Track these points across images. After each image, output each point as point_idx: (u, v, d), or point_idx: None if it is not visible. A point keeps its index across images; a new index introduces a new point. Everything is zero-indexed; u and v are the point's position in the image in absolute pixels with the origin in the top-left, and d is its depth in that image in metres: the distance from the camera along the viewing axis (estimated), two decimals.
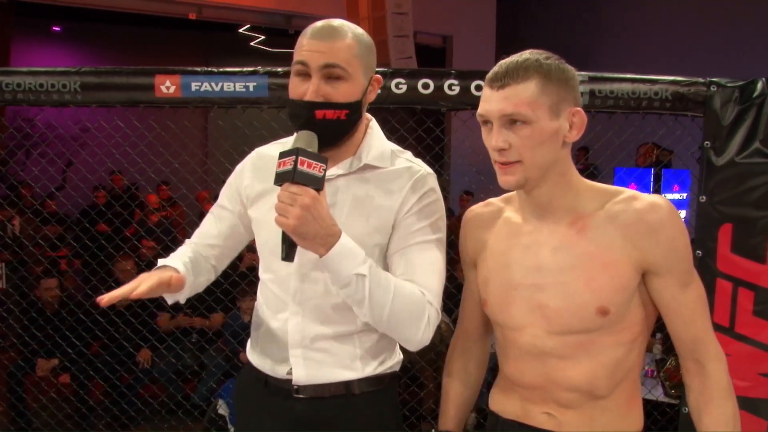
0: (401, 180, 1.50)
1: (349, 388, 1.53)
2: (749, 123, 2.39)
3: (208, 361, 4.56)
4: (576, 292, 1.34)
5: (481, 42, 10.25)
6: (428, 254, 1.49)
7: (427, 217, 1.49)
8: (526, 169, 1.31)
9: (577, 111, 1.32)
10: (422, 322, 1.43)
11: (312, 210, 1.30)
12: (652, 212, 1.31)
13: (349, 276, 1.36)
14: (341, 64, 1.40)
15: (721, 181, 2.42)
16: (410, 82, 2.65)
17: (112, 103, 2.73)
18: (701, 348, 1.37)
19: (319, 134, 1.41)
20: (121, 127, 3.08)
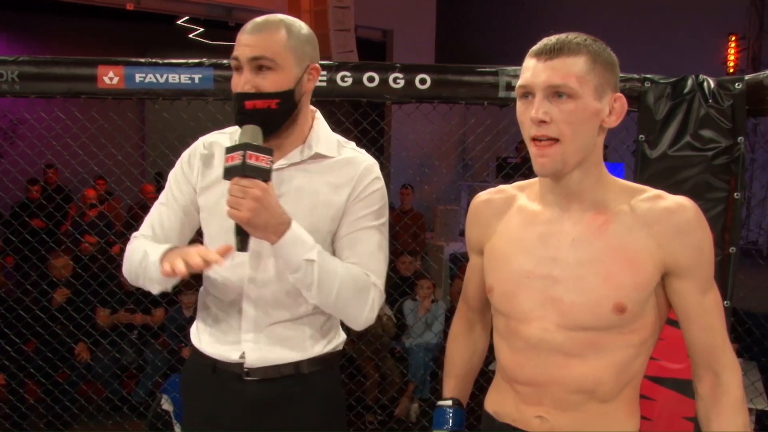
0: (350, 169, 1.58)
1: (298, 369, 1.59)
2: (681, 118, 2.49)
3: (151, 357, 4.50)
4: (593, 287, 1.29)
5: (421, 37, 10.33)
6: (373, 239, 1.58)
7: (373, 204, 1.58)
8: (565, 151, 1.25)
9: (619, 96, 1.28)
10: (367, 302, 1.54)
11: (263, 201, 1.38)
12: (680, 212, 1.28)
13: (300, 262, 1.45)
14: (268, 55, 1.47)
15: (655, 173, 2.51)
16: (356, 75, 2.67)
17: (52, 94, 2.67)
18: (718, 357, 1.32)
19: (253, 124, 1.47)
20: (62, 118, 3.01)
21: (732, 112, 2.44)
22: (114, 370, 4.41)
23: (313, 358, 1.61)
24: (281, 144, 1.55)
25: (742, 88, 2.44)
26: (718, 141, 2.45)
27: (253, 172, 1.38)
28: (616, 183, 1.36)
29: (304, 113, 1.58)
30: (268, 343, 1.58)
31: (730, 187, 2.45)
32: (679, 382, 2.50)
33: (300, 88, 1.52)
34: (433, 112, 2.96)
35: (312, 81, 1.56)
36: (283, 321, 1.58)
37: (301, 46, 1.52)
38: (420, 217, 7.02)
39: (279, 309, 1.57)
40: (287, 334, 1.59)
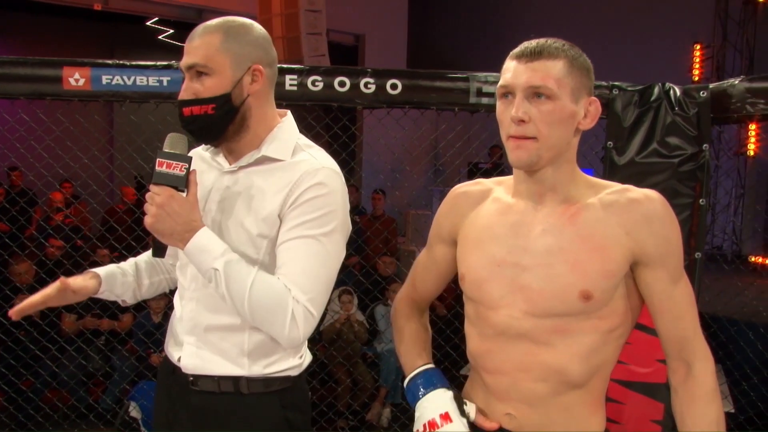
0: (291, 172, 1.50)
1: (237, 386, 1.54)
2: (648, 125, 2.53)
3: (119, 363, 4.43)
4: (560, 275, 1.32)
5: (393, 41, 10.37)
6: (306, 249, 1.47)
7: (311, 211, 1.47)
8: (540, 148, 1.29)
9: (594, 100, 1.34)
10: (286, 318, 1.43)
11: (166, 207, 1.40)
12: (647, 203, 1.32)
13: (208, 270, 1.44)
14: (200, 61, 1.46)
15: (623, 180, 2.49)
16: (326, 80, 2.67)
17: (16, 95, 2.62)
18: (689, 347, 1.35)
19: (193, 130, 1.49)
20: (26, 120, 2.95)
21: (697, 120, 2.49)
22: (80, 377, 4.33)
23: (253, 378, 1.54)
24: (235, 148, 1.54)
25: (707, 97, 2.48)
26: (684, 148, 2.49)
27: (163, 179, 1.41)
28: (587, 180, 1.40)
29: (257, 117, 1.54)
30: (205, 350, 1.55)
31: (695, 193, 2.50)
32: (648, 386, 2.54)
33: (240, 90, 1.49)
34: (404, 117, 2.97)
35: (258, 82, 1.51)
36: (221, 328, 1.54)
37: (241, 47, 1.48)
38: (392, 222, 7.02)
39: (216, 313, 1.53)
40: (223, 345, 1.54)
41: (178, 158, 1.42)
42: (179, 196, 1.42)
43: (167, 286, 1.77)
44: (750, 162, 8.72)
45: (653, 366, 2.53)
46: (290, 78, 2.65)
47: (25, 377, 4.01)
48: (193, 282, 1.57)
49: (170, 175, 1.42)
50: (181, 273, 1.62)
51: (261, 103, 1.54)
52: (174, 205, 1.40)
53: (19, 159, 3.39)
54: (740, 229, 8.70)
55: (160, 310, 4.43)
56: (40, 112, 2.91)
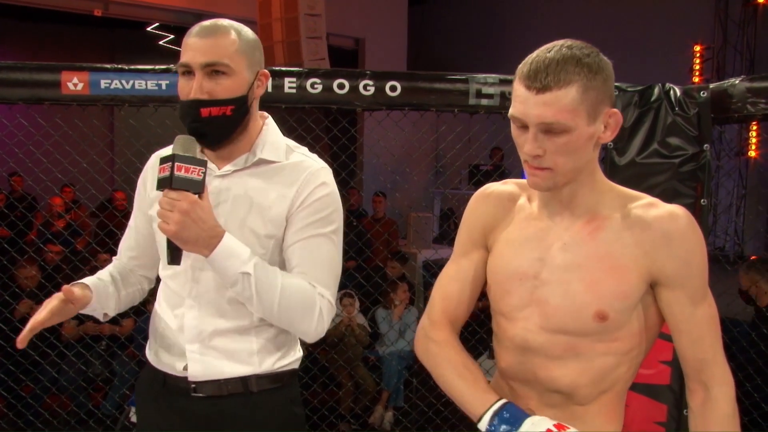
0: (295, 174, 1.53)
1: (246, 386, 1.54)
2: (648, 126, 2.53)
3: (119, 368, 4.42)
4: (577, 292, 1.29)
5: (392, 45, 10.38)
6: (321, 248, 1.52)
7: (320, 211, 1.52)
8: (556, 176, 1.25)
9: (614, 113, 1.26)
10: (314, 314, 1.47)
11: (191, 214, 1.35)
12: (670, 221, 1.26)
13: (236, 275, 1.42)
14: (222, 60, 1.44)
15: (623, 180, 2.50)
16: (326, 82, 2.66)
17: (14, 100, 2.61)
18: (708, 370, 1.30)
19: (207, 132, 1.46)
20: (25, 125, 2.94)
21: (698, 120, 2.48)
22: (80, 383, 4.32)
23: (262, 374, 1.55)
24: (231, 151, 1.54)
25: (707, 97, 2.48)
26: (684, 148, 2.48)
27: (182, 184, 1.35)
28: (612, 189, 1.35)
29: (254, 119, 1.56)
30: (212, 355, 1.53)
31: (696, 193, 2.49)
32: (651, 387, 2.53)
33: (252, 93, 1.50)
34: (403, 119, 2.96)
35: (261, 87, 1.53)
36: (227, 332, 1.53)
37: (252, 51, 1.49)
38: (392, 224, 7.02)
39: (221, 318, 1.53)
40: (232, 346, 1.53)
41: (196, 162, 1.37)
42: (202, 202, 1.38)
43: (139, 297, 1.73)
44: (752, 163, 8.71)
45: (656, 368, 2.52)
46: (289, 81, 2.65)
47: (24, 382, 3.98)
48: (194, 288, 1.54)
49: (190, 180, 1.36)
50: (174, 281, 1.58)
51: (255, 106, 1.56)
52: (198, 211, 1.36)
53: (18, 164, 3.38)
54: (742, 230, 8.69)
55: None
56: (38, 117, 2.91)
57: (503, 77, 2.64)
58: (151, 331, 1.66)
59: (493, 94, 2.66)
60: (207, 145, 1.51)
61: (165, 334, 1.59)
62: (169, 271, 1.58)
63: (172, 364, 1.57)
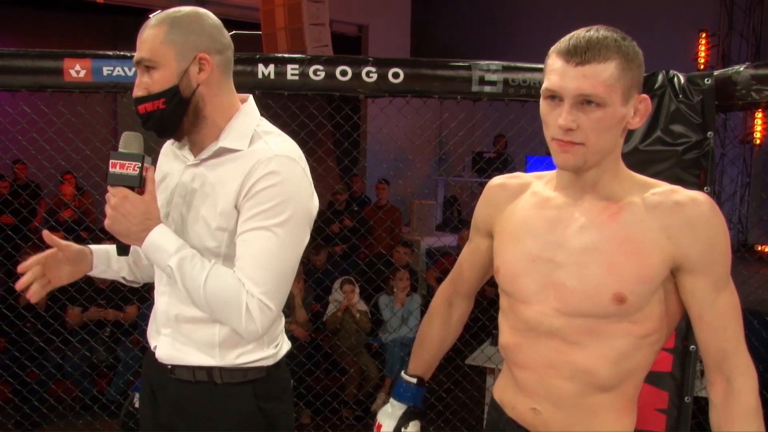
0: (246, 162, 1.47)
1: (210, 376, 1.55)
2: (651, 113, 2.51)
3: (123, 354, 4.44)
4: (595, 275, 1.28)
5: (396, 31, 10.33)
6: (259, 242, 1.45)
7: (264, 202, 1.44)
8: (587, 153, 1.24)
9: (644, 98, 1.28)
10: (241, 312, 1.42)
11: (120, 209, 1.42)
12: (693, 206, 1.25)
13: (165, 267, 1.46)
14: (146, 55, 1.46)
15: (626, 167, 2.54)
16: (328, 69, 2.65)
17: (17, 87, 2.61)
18: (730, 361, 1.28)
19: (151, 127, 1.50)
20: (27, 112, 2.95)
21: (701, 107, 2.47)
22: (85, 369, 4.35)
23: (226, 367, 1.54)
24: (196, 140, 1.54)
25: (711, 84, 2.46)
26: (688, 136, 2.47)
27: (116, 180, 1.43)
28: (632, 177, 1.35)
29: (214, 106, 1.51)
30: (179, 341, 1.57)
31: (700, 181, 2.47)
32: (652, 374, 2.52)
33: (188, 81, 1.47)
34: (406, 106, 2.95)
35: (205, 71, 1.48)
36: (192, 320, 1.54)
37: (185, 37, 1.46)
38: (395, 211, 7.02)
39: (185, 305, 1.54)
40: (195, 335, 1.55)
41: (130, 158, 1.44)
42: (133, 196, 1.43)
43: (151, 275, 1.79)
44: (756, 150, 8.68)
45: (659, 354, 2.52)
46: (291, 68, 2.64)
47: (29, 369, 4.02)
48: (164, 275, 1.58)
49: (124, 176, 1.43)
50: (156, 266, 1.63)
51: (215, 91, 1.51)
52: (128, 206, 1.42)
53: (22, 151, 3.38)
54: (746, 218, 8.67)
55: None
56: (41, 104, 2.91)
57: (507, 64, 2.63)
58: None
59: (496, 81, 2.65)
60: (160, 137, 1.56)
61: (152, 314, 1.68)
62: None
63: (151, 343, 1.65)
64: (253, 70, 2.62)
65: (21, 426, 3.92)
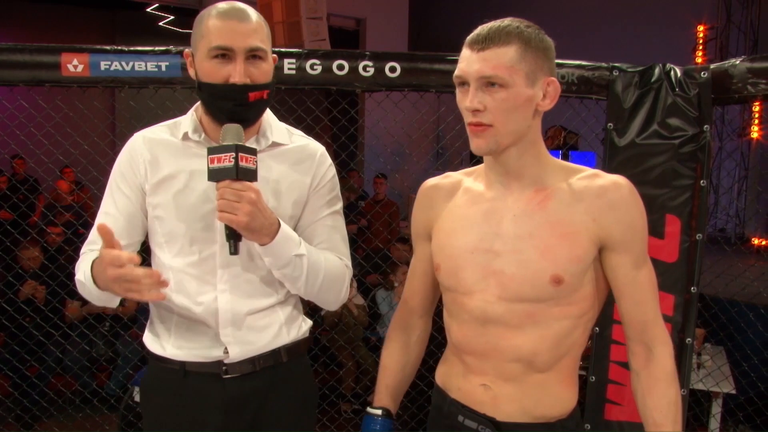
0: (306, 156, 1.61)
1: (277, 358, 1.61)
2: (648, 106, 2.52)
3: (123, 348, 4.46)
4: (531, 260, 1.35)
5: (394, 25, 10.31)
6: (338, 223, 1.65)
7: (332, 190, 1.64)
8: (497, 134, 1.31)
9: (552, 81, 1.33)
10: (345, 285, 1.62)
11: (258, 204, 1.38)
12: (615, 190, 1.34)
13: (290, 258, 1.47)
14: (261, 45, 1.45)
15: (623, 161, 2.54)
16: (325, 63, 2.66)
17: (15, 82, 2.61)
18: (650, 331, 1.38)
19: (250, 116, 1.48)
20: (25, 107, 2.94)
21: (698, 101, 2.47)
22: (84, 363, 4.36)
23: (288, 345, 1.63)
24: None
25: (708, 77, 2.47)
26: (684, 129, 2.48)
27: (245, 174, 1.36)
28: (555, 163, 1.42)
29: None
30: (248, 335, 1.56)
31: (696, 174, 2.49)
32: None
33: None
34: (403, 100, 2.96)
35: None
36: (260, 310, 1.58)
37: (269, 36, 1.52)
38: (393, 205, 7.02)
39: (254, 298, 1.56)
40: (263, 322, 1.59)
41: (251, 151, 1.39)
42: (260, 191, 1.40)
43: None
44: (753, 144, 8.68)
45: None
46: (288, 62, 2.64)
47: (29, 363, 4.03)
48: (224, 274, 1.54)
49: (250, 170, 1.37)
50: (196, 268, 1.54)
51: None
52: (262, 201, 1.39)
53: (20, 146, 3.38)
54: (743, 211, 8.68)
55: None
56: (39, 99, 2.91)
57: None
58: (159, 322, 1.61)
59: None
60: (245, 126, 1.47)
61: (187, 323, 1.56)
62: (189, 258, 1.54)
63: (201, 352, 1.56)
64: None
65: (21, 419, 3.93)
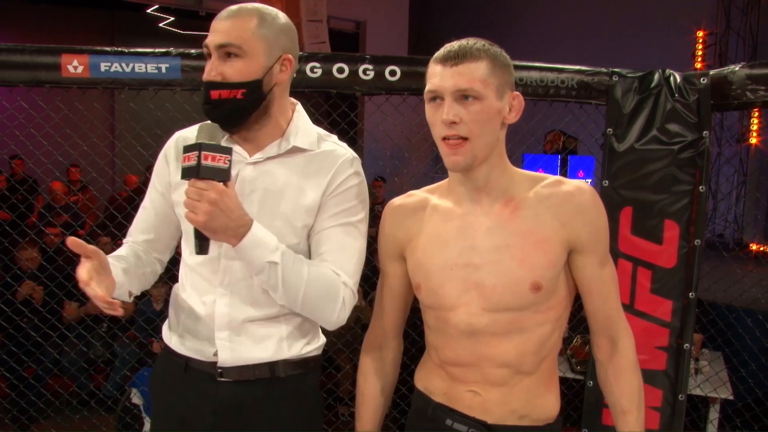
0: (327, 162, 1.53)
1: (273, 371, 1.54)
2: (647, 111, 2.52)
3: (120, 350, 4.45)
4: (510, 269, 1.40)
5: (394, 28, 10.33)
6: (347, 236, 1.52)
7: (349, 200, 1.53)
8: (474, 148, 1.35)
9: (517, 95, 1.41)
10: (338, 303, 1.49)
11: (219, 204, 1.33)
12: (579, 195, 1.41)
13: (262, 264, 1.41)
14: (235, 42, 1.43)
15: (622, 167, 2.54)
16: (325, 66, 2.65)
17: (14, 82, 2.60)
18: (614, 325, 1.49)
19: (218, 116, 1.45)
20: (25, 107, 2.94)
21: (697, 107, 2.48)
22: (82, 364, 4.35)
23: (289, 360, 1.56)
24: (256, 137, 1.52)
25: (707, 83, 2.47)
26: (683, 135, 2.48)
27: (209, 173, 1.34)
28: (520, 173, 1.47)
29: (280, 105, 1.53)
30: (243, 342, 1.53)
31: (695, 180, 2.49)
32: (646, 372, 2.50)
33: (270, 78, 1.48)
34: (403, 103, 2.96)
35: (285, 72, 1.51)
36: (259, 319, 1.53)
37: (275, 35, 1.47)
38: None
39: (253, 306, 1.53)
40: (262, 332, 1.54)
41: (221, 150, 1.35)
42: (230, 191, 1.37)
43: (152, 279, 1.70)
44: (752, 150, 8.69)
45: (652, 353, 2.53)
46: None
47: (26, 364, 4.02)
48: (225, 277, 1.53)
49: (217, 169, 1.34)
50: (204, 268, 1.56)
51: (283, 93, 1.55)
52: (227, 201, 1.34)
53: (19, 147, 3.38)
54: (741, 217, 8.69)
55: (161, 298, 4.45)
56: (39, 100, 2.91)
57: None
58: (173, 315, 1.64)
59: None
60: (223, 128, 1.49)
61: (191, 319, 1.58)
62: (199, 258, 1.55)
63: (199, 349, 1.56)
64: None
65: (17, 421, 3.92)
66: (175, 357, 1.60)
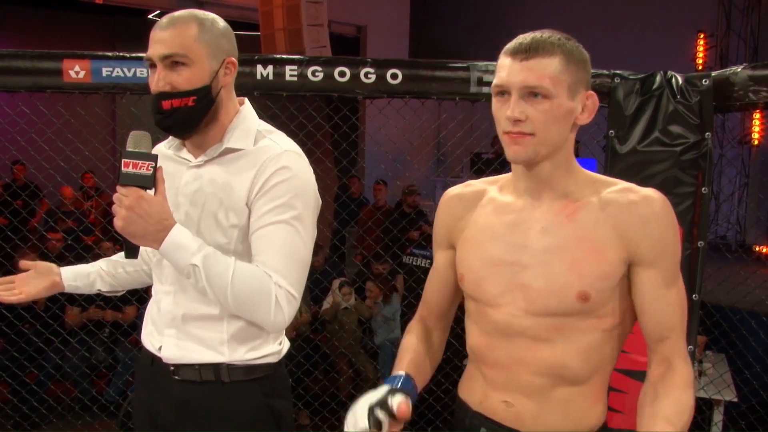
0: (254, 160, 1.50)
1: (218, 374, 1.55)
2: (649, 113, 2.51)
3: (122, 355, 4.44)
4: (558, 274, 1.32)
5: (394, 33, 10.33)
6: (278, 235, 1.48)
7: (279, 196, 1.48)
8: (537, 143, 1.28)
9: (591, 95, 1.32)
10: (270, 304, 1.45)
11: (136, 209, 1.38)
12: (645, 205, 1.30)
13: (186, 267, 1.44)
14: (179, 50, 1.44)
15: (625, 168, 2.53)
16: (327, 70, 2.65)
17: (16, 88, 2.61)
18: (670, 349, 1.33)
19: (171, 124, 1.48)
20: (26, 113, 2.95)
21: (699, 108, 2.47)
22: (84, 369, 4.35)
23: (233, 365, 1.55)
24: (203, 141, 1.55)
25: (709, 85, 2.47)
26: (686, 136, 2.48)
27: (130, 179, 1.39)
28: (587, 176, 1.38)
29: (225, 108, 1.55)
30: (186, 340, 1.56)
31: (697, 182, 2.48)
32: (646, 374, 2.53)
33: (217, 82, 1.50)
34: (404, 107, 2.96)
35: (229, 75, 1.53)
36: (199, 318, 1.55)
37: (215, 39, 1.49)
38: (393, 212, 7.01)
39: (193, 304, 1.55)
40: (204, 334, 1.55)
41: (143, 157, 1.40)
42: (148, 196, 1.40)
43: (146, 278, 1.77)
44: (754, 151, 8.69)
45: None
46: (290, 69, 2.64)
47: (28, 369, 4.02)
48: (169, 275, 1.57)
49: (137, 175, 1.39)
50: (158, 267, 1.62)
51: (229, 95, 1.56)
52: (144, 206, 1.38)
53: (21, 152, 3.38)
54: (744, 219, 8.68)
55: None
56: (40, 105, 2.91)
57: None
58: (146, 311, 1.71)
59: None
60: (175, 135, 1.55)
61: (151, 315, 1.65)
62: (157, 256, 1.60)
63: (153, 342, 1.62)
64: (251, 71, 2.62)
65: (20, 426, 3.92)
66: (145, 351, 1.66)
